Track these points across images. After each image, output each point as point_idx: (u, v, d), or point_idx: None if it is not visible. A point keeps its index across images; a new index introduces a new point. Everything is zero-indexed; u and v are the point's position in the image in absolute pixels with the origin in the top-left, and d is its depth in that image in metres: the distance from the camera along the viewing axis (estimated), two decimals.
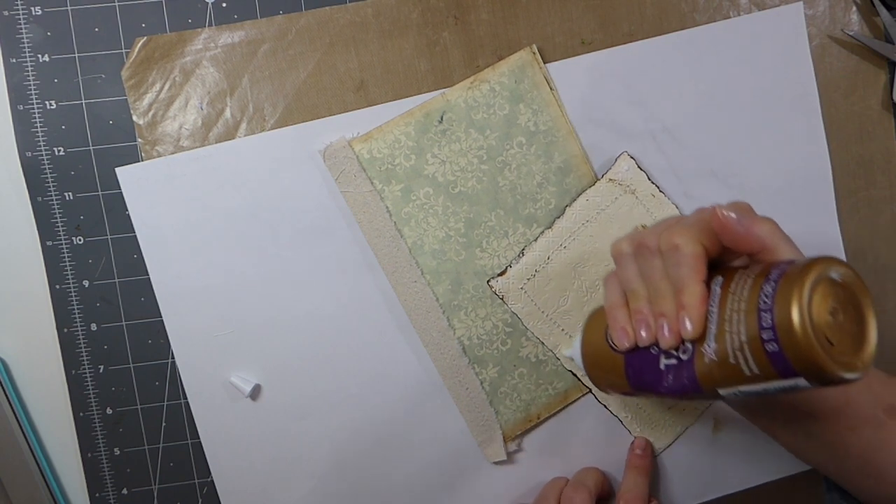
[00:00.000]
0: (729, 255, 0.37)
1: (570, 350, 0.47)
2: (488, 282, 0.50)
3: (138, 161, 0.49)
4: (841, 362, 0.30)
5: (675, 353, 0.35)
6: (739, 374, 0.32)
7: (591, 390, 0.51)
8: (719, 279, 0.34)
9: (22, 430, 0.50)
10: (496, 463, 0.51)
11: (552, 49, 0.50)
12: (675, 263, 0.35)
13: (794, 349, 0.29)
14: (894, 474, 0.39)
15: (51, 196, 0.49)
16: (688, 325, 0.34)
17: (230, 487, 0.51)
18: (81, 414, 0.50)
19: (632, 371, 0.38)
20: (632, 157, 0.50)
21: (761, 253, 0.35)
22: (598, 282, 0.50)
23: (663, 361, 0.36)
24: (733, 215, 0.34)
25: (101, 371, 0.50)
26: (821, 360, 0.29)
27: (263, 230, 0.49)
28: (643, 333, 0.36)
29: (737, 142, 0.51)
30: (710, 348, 0.33)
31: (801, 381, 0.30)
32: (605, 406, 0.51)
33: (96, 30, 0.48)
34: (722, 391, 0.34)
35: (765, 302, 0.30)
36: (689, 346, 0.34)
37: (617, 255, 0.39)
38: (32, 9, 0.48)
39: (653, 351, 0.37)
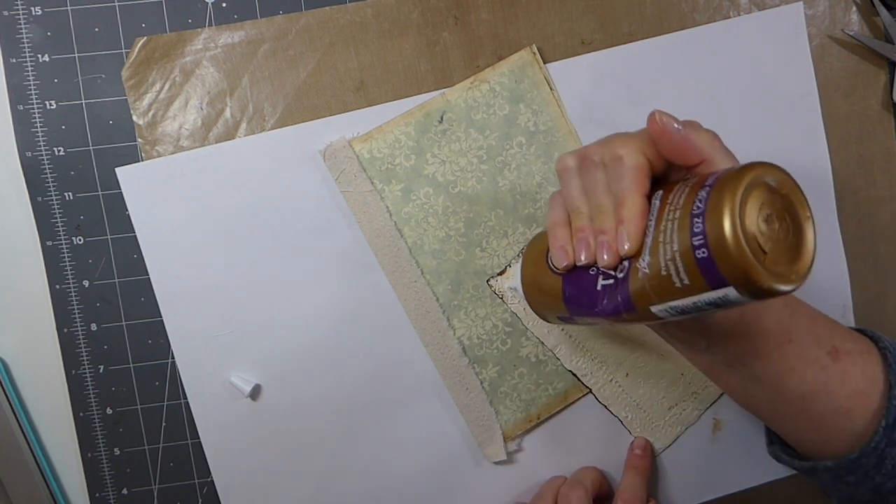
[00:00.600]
0: (675, 173, 0.35)
1: (513, 280, 0.45)
2: (488, 281, 0.50)
3: (138, 161, 0.49)
4: (773, 272, 0.28)
5: (612, 272, 0.34)
6: (671, 286, 0.31)
7: (590, 390, 0.51)
8: (660, 193, 0.33)
9: (22, 430, 0.50)
10: (496, 463, 0.51)
11: (552, 49, 0.50)
12: (617, 176, 0.34)
13: (724, 255, 0.28)
14: (832, 420, 0.38)
15: (51, 196, 0.49)
16: (625, 240, 0.33)
17: (230, 487, 0.51)
18: (81, 414, 0.50)
19: (569, 293, 0.37)
20: None
21: (702, 165, 0.33)
22: None
23: (601, 282, 0.35)
24: (674, 123, 0.33)
25: (101, 371, 0.50)
26: (751, 268, 0.28)
27: (263, 230, 0.49)
28: (583, 253, 0.35)
29: (737, 142, 0.50)
30: (643, 262, 0.32)
31: (732, 292, 0.29)
32: (606, 406, 0.51)
33: (96, 30, 0.48)
34: (654, 308, 0.32)
35: (697, 207, 0.29)
36: (625, 264, 0.33)
37: (562, 170, 0.37)
38: (32, 9, 0.48)
39: (591, 272, 0.35)
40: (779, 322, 0.37)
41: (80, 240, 0.49)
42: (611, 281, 0.34)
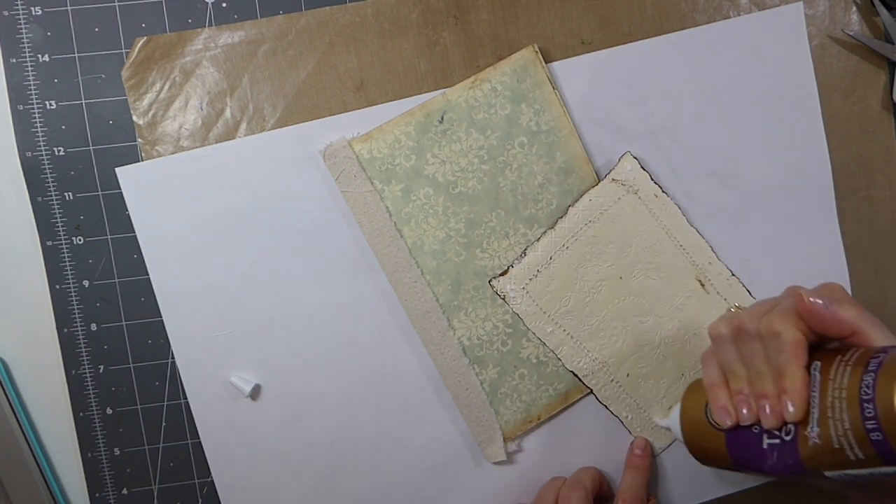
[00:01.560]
0: (826, 338, 0.37)
1: (667, 420, 0.48)
2: (490, 282, 0.50)
3: (138, 161, 0.49)
4: None
5: (777, 432, 0.36)
6: (845, 458, 0.33)
7: (591, 391, 0.51)
8: (818, 364, 0.35)
9: (22, 430, 0.50)
10: (496, 463, 0.51)
11: (552, 49, 0.50)
12: (777, 350, 0.36)
13: None
14: None
15: (51, 196, 0.49)
16: (790, 408, 0.35)
17: (230, 487, 0.51)
18: (81, 414, 0.50)
19: (734, 448, 0.39)
20: (635, 158, 0.50)
21: (852, 337, 0.35)
22: (600, 282, 0.50)
23: (766, 441, 0.37)
24: (819, 301, 0.35)
25: (101, 371, 0.50)
26: None
27: (263, 230, 0.49)
28: (745, 412, 0.37)
29: (737, 142, 0.51)
30: (813, 433, 0.34)
31: None
32: (606, 406, 0.51)
33: (96, 30, 0.48)
34: (829, 474, 0.34)
35: (866, 393, 0.31)
36: (791, 427, 0.35)
37: (715, 336, 0.40)
38: (32, 9, 0.48)
39: (755, 430, 0.38)
40: None
41: (80, 240, 0.49)
42: (776, 441, 0.37)
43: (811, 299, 0.35)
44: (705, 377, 0.41)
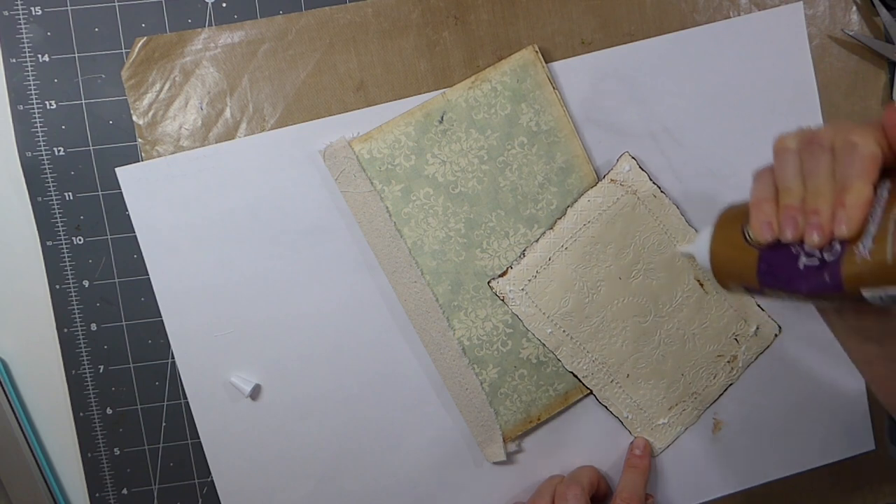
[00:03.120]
0: None
1: (691, 246, 0.45)
2: (489, 282, 0.50)
3: (138, 161, 0.49)
4: None
5: (818, 253, 0.35)
6: (894, 274, 0.32)
7: (591, 392, 0.51)
8: (887, 183, 0.34)
9: (22, 430, 0.50)
10: (496, 463, 0.51)
11: (552, 49, 0.50)
12: (848, 162, 0.34)
13: None
14: None
15: (51, 196, 0.49)
16: (845, 223, 0.33)
17: (230, 487, 0.51)
18: (81, 414, 0.50)
19: (765, 266, 0.38)
20: (633, 158, 0.50)
21: None
22: (599, 282, 0.50)
23: (803, 261, 0.36)
24: None
25: (101, 371, 0.50)
26: None
27: (263, 230, 0.49)
28: (789, 229, 0.35)
29: (737, 142, 0.51)
30: (864, 248, 0.33)
31: None
32: (606, 407, 0.51)
33: (96, 30, 0.48)
34: (867, 292, 0.33)
35: None
36: (837, 246, 0.34)
37: (780, 149, 0.37)
38: (32, 9, 0.48)
39: (793, 250, 0.36)
40: None
41: (80, 240, 0.49)
42: (815, 261, 0.35)
43: None
44: (754, 192, 0.38)
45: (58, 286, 0.50)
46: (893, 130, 0.33)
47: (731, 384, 0.52)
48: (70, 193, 0.49)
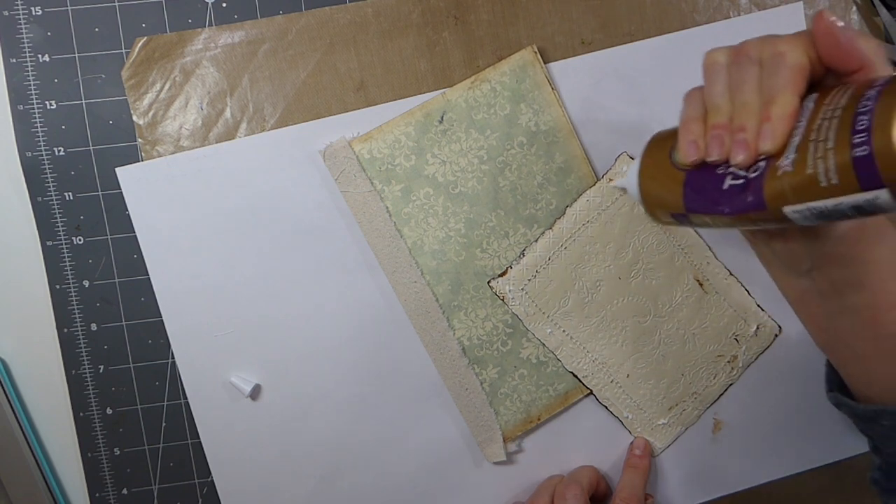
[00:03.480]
0: (829, 80, 0.34)
1: (624, 180, 0.43)
2: (489, 282, 0.50)
3: (138, 161, 0.49)
4: None
5: (743, 172, 0.33)
6: (815, 186, 0.30)
7: (591, 392, 0.51)
8: (814, 95, 0.32)
9: (22, 430, 0.50)
10: (496, 463, 0.51)
11: (552, 49, 0.50)
12: (774, 73, 0.33)
13: (887, 154, 0.27)
14: None
15: (51, 196, 0.49)
16: (769, 137, 0.32)
17: (230, 487, 0.51)
18: (81, 414, 0.50)
19: (690, 190, 0.36)
20: (631, 158, 0.50)
21: (860, 73, 0.32)
22: (598, 282, 0.50)
23: (728, 181, 0.34)
24: (840, 23, 0.32)
25: (101, 371, 0.50)
26: None
27: (263, 230, 0.49)
28: (715, 148, 0.34)
29: None
30: (787, 161, 0.31)
31: (883, 196, 0.28)
32: (606, 407, 0.51)
33: (96, 30, 0.48)
34: (788, 209, 0.32)
35: (864, 105, 0.29)
36: (761, 164, 0.33)
37: (710, 64, 0.36)
38: (32, 9, 0.48)
39: (719, 171, 0.34)
40: (892, 253, 0.36)
41: (80, 240, 0.49)
42: (740, 181, 0.33)
43: (830, 18, 0.31)
44: (682, 113, 0.37)
45: (58, 286, 0.50)
46: (823, 38, 0.32)
47: (731, 384, 0.52)
48: (70, 193, 0.49)
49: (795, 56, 0.32)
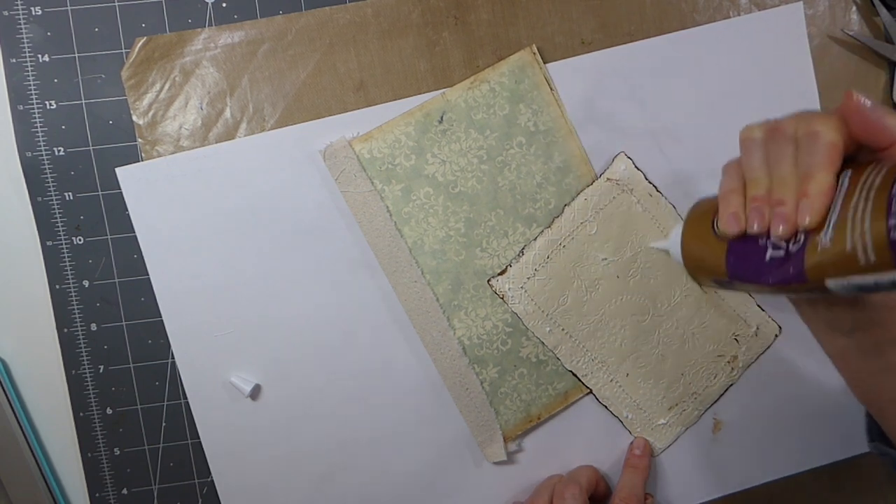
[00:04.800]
0: (862, 156, 0.35)
1: (665, 242, 0.45)
2: (488, 281, 0.50)
3: (138, 161, 0.49)
4: None
5: (784, 244, 0.35)
6: (854, 263, 0.31)
7: (591, 391, 0.51)
8: (848, 172, 0.34)
9: (22, 430, 0.50)
10: (496, 463, 0.51)
11: (552, 49, 0.50)
12: (810, 151, 0.34)
13: None
14: None
15: (51, 196, 0.49)
16: (808, 213, 0.33)
17: (230, 487, 0.51)
18: (81, 414, 0.50)
19: (733, 259, 0.38)
20: (629, 157, 0.50)
21: (892, 149, 0.33)
22: (597, 281, 0.50)
23: (770, 253, 0.35)
24: (868, 102, 0.33)
25: (101, 371, 0.50)
26: None
27: (263, 230, 0.49)
28: (756, 221, 0.35)
29: (737, 142, 0.51)
30: (826, 237, 0.33)
31: None
32: (606, 407, 0.51)
33: (96, 30, 0.48)
34: (830, 282, 0.33)
35: None
36: (801, 237, 0.34)
37: (746, 139, 0.38)
38: (32, 9, 0.48)
39: (760, 242, 0.36)
40: None
41: (80, 240, 0.49)
42: (781, 252, 0.35)
43: (859, 97, 0.33)
44: (722, 185, 0.39)
45: (58, 286, 0.50)
46: (852, 117, 0.33)
47: (731, 384, 0.52)
48: (70, 193, 0.49)
49: (830, 135, 0.34)
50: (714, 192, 0.51)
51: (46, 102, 0.48)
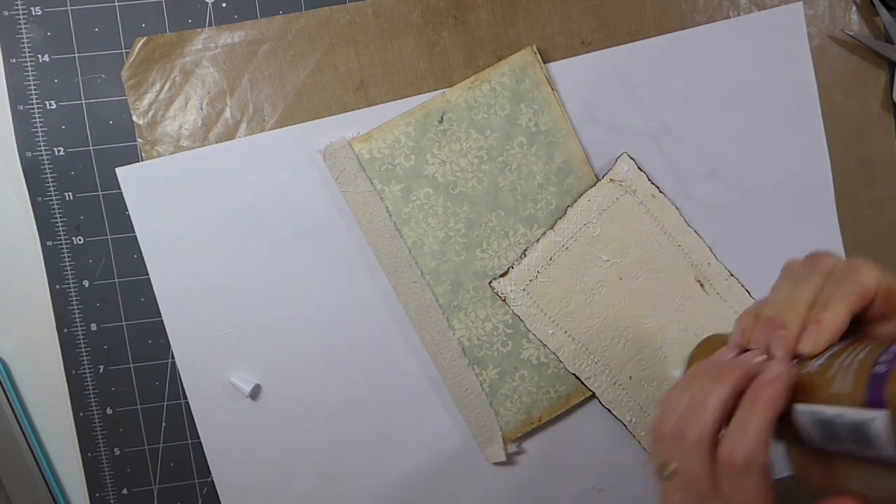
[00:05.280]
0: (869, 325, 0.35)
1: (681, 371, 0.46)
2: (490, 283, 0.50)
3: (138, 161, 0.49)
4: None
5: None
6: (828, 388, 0.31)
7: (594, 394, 0.51)
8: (850, 338, 0.33)
9: (22, 430, 0.50)
10: (496, 464, 0.51)
11: (552, 49, 0.50)
12: (841, 282, 0.33)
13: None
14: None
15: (51, 196, 0.49)
16: (812, 340, 0.32)
17: (230, 487, 0.51)
18: (81, 414, 0.50)
19: None
20: (632, 158, 0.50)
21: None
22: (600, 283, 0.50)
23: None
24: None
25: (101, 371, 0.50)
26: None
27: (263, 230, 0.49)
28: (756, 339, 0.35)
29: (737, 142, 0.51)
30: (816, 364, 0.32)
31: (880, 418, 0.29)
32: (609, 410, 0.51)
33: (96, 30, 0.48)
34: (799, 407, 0.32)
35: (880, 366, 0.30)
36: (795, 361, 0.34)
37: (784, 268, 0.37)
38: (32, 9, 0.48)
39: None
40: None
41: (80, 240, 0.49)
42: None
43: None
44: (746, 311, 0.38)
45: (58, 286, 0.50)
46: (873, 304, 0.33)
47: None
48: (70, 193, 0.49)
49: (869, 279, 0.33)
50: (713, 190, 0.51)
51: (46, 102, 0.48)
